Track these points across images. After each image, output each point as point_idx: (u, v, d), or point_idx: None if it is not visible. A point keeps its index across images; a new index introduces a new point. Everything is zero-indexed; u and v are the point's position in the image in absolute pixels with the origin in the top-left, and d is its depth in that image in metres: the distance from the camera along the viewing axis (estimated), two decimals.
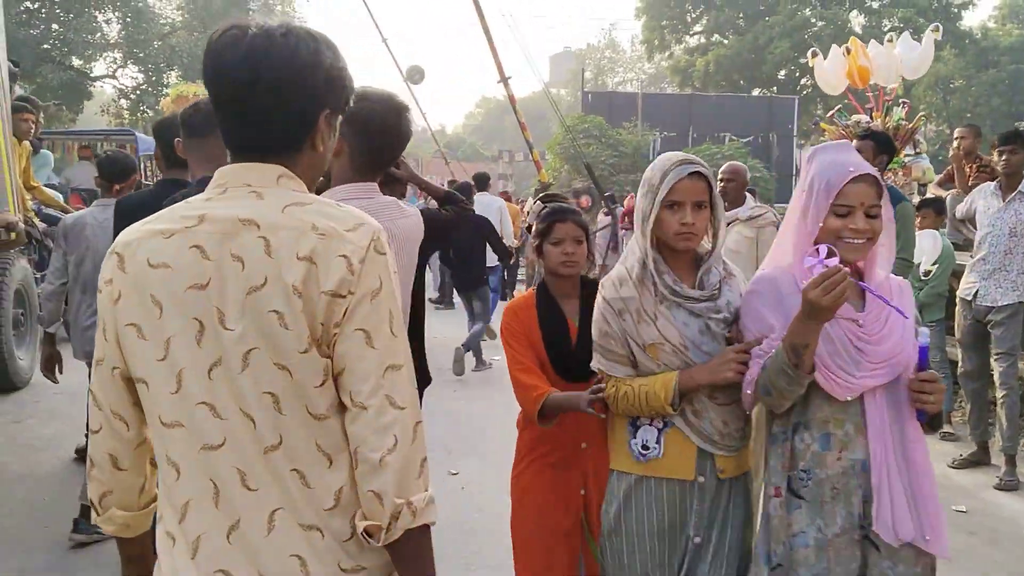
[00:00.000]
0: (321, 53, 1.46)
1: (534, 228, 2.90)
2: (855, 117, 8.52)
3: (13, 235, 6.14)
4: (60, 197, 8.60)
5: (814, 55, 9.88)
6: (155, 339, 1.43)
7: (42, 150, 8.97)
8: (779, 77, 36.99)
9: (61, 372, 4.68)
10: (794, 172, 31.01)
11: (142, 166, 12.71)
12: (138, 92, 30.65)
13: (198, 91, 24.10)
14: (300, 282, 1.38)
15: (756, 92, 37.35)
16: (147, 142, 14.60)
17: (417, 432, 1.45)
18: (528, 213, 2.73)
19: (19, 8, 26.65)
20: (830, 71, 9.53)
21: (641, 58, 61.08)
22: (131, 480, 1.59)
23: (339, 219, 1.43)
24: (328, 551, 1.44)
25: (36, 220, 7.25)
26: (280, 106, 1.44)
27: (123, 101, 31.18)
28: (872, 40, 9.56)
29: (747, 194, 5.82)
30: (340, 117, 1.56)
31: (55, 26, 27.81)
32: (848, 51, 9.17)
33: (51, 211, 7.93)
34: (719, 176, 5.70)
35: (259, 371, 1.40)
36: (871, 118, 8.35)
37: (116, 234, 4.02)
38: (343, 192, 2.33)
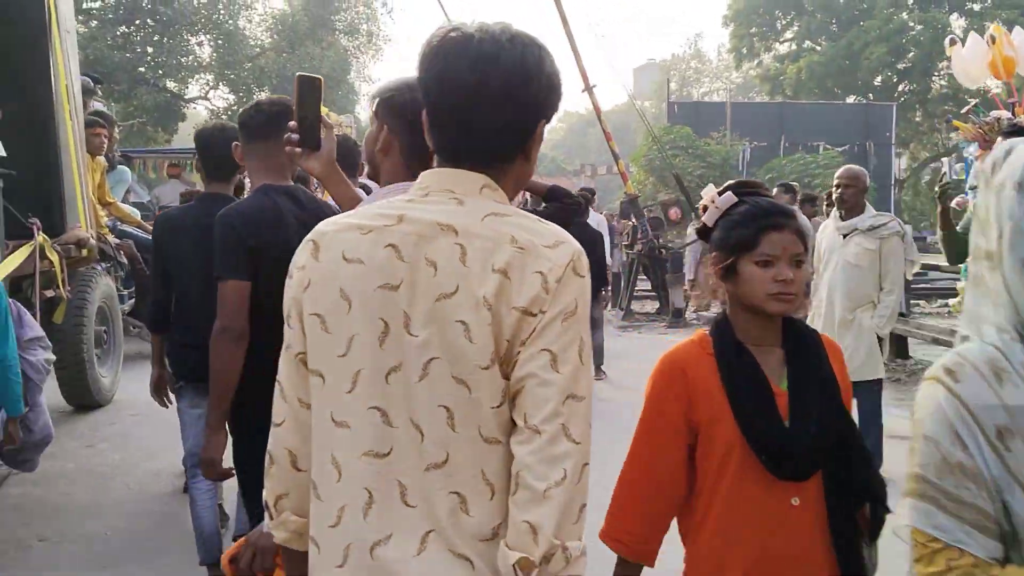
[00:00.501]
0: (544, 60, 1.41)
1: (717, 235, 1.94)
2: (995, 113, 7.74)
3: (85, 251, 5.99)
4: (137, 213, 8.38)
5: (952, 43, 9.03)
6: (338, 334, 1.40)
7: (119, 166, 8.71)
8: (875, 83, 35.63)
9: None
10: (893, 182, 29.83)
11: None
12: (229, 112, 31.29)
13: None
14: (492, 295, 1.32)
15: (851, 99, 36.06)
16: None
17: (584, 473, 1.34)
18: (703, 208, 1.95)
19: (115, 32, 27.50)
20: (969, 61, 8.68)
21: (728, 67, 59.97)
22: (307, 483, 1.47)
23: (539, 234, 1.37)
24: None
25: (110, 236, 7.12)
26: (503, 115, 1.39)
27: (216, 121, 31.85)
28: (1016, 27, 8.66)
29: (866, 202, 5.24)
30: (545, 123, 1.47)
31: (150, 49, 28.59)
32: (992, 39, 8.32)
33: (127, 227, 7.83)
34: (836, 182, 5.14)
35: (437, 382, 1.34)
36: (1013, 114, 7.55)
37: (158, 246, 3.70)
38: (397, 191, 1.96)
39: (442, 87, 1.39)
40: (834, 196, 5.16)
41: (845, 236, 5.07)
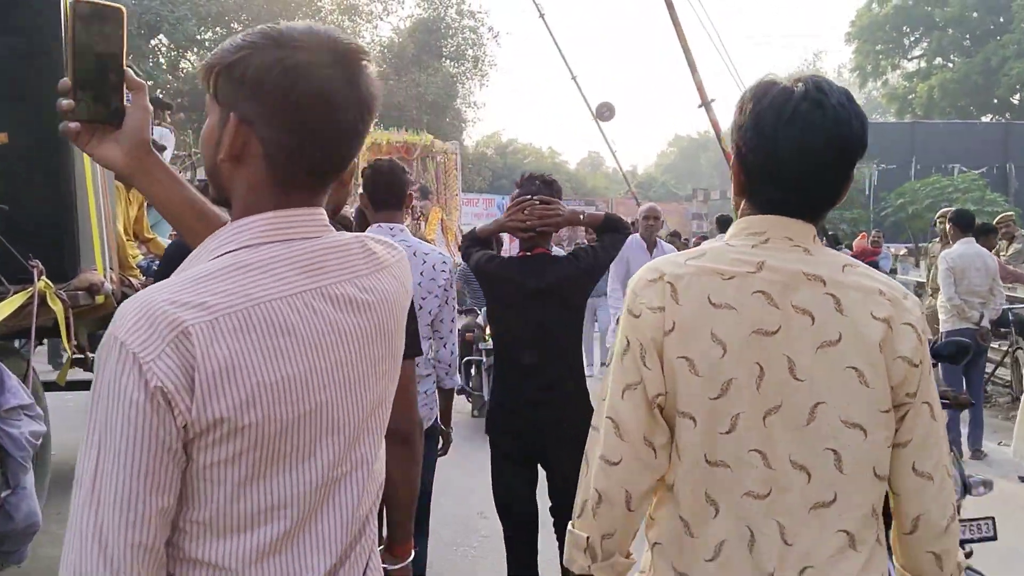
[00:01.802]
0: (863, 114, 1.46)
1: None
2: None
3: (100, 298, 4.92)
4: None
5: None
6: (711, 377, 1.42)
7: None
8: (1014, 101, 33.05)
9: None
10: None
11: None
12: None
13: (389, 138, 24.38)
14: (882, 342, 1.40)
15: (987, 118, 33.56)
16: None
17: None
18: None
19: (198, 36, 27.71)
20: None
21: (851, 86, 57.49)
22: (635, 522, 1.53)
23: (894, 287, 1.46)
24: None
25: (139, 278, 6.04)
26: (845, 174, 1.45)
27: None
28: None
29: None
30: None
31: None
32: None
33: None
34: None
35: (825, 425, 1.40)
36: None
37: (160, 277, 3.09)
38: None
39: (802, 154, 1.40)
40: None
41: None
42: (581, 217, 3.28)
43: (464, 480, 5.40)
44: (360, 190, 3.35)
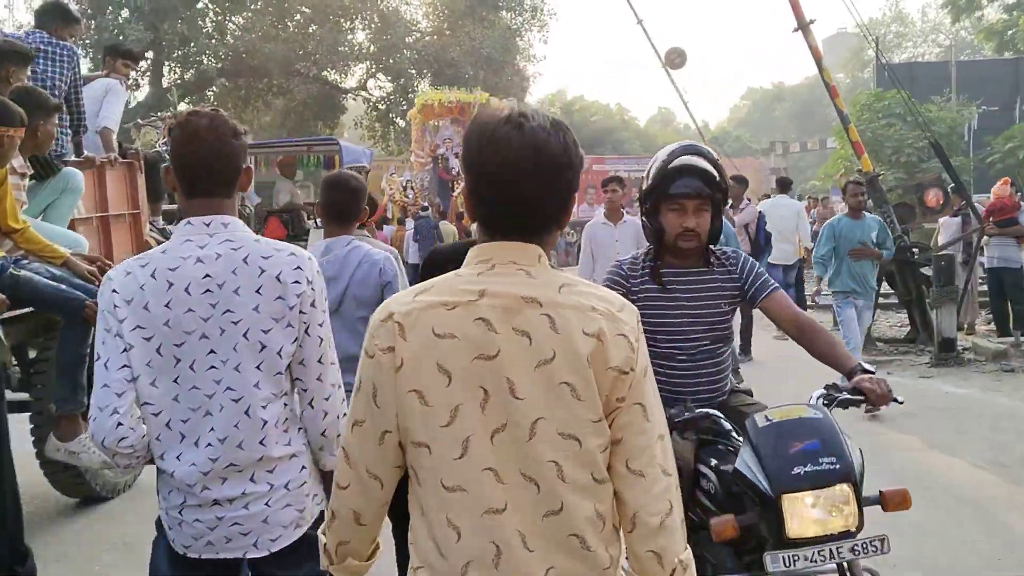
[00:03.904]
0: (576, 143, 1.62)
1: None
2: None
3: None
4: (82, 243, 4.98)
5: None
6: (440, 406, 1.53)
7: (64, 170, 5.01)
8: None
9: None
10: None
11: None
12: (387, 103, 29.90)
13: (442, 98, 22.83)
14: (591, 357, 1.52)
15: None
16: (353, 152, 12.71)
17: (679, 494, 1.62)
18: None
19: (266, 22, 26.52)
20: None
21: (935, 28, 53.70)
22: (369, 533, 1.73)
23: (609, 301, 1.60)
24: None
25: None
26: (552, 191, 1.59)
27: (373, 112, 30.58)
28: None
29: None
30: None
31: (300, 40, 27.39)
32: None
33: (36, 267, 4.26)
34: None
35: (545, 439, 1.52)
36: None
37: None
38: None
39: (502, 169, 1.56)
40: None
41: None
42: None
43: None
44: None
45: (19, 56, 4.63)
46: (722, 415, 2.79)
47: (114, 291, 2.11)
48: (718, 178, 2.93)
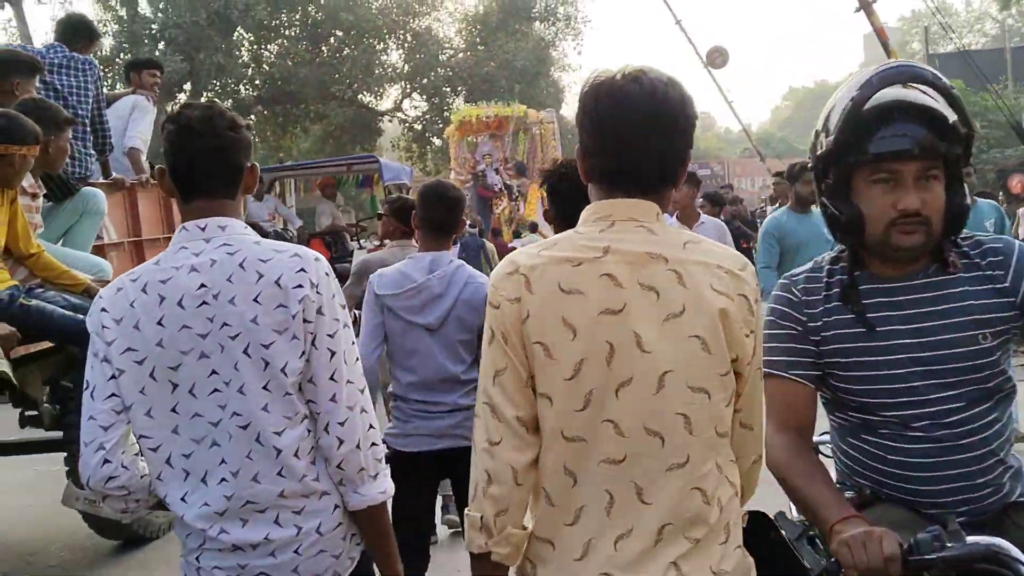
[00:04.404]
0: (690, 98, 1.61)
1: None
2: None
3: None
4: (106, 268, 4.59)
5: None
6: (564, 360, 1.54)
7: (83, 190, 4.66)
8: None
9: None
10: None
11: (385, 195, 10.47)
12: (423, 122, 29.71)
13: (480, 113, 22.49)
14: (721, 311, 1.53)
15: None
16: (393, 169, 12.44)
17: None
18: None
19: (300, 47, 26.46)
20: None
21: (981, 17, 52.39)
22: (525, 496, 1.64)
23: (731, 259, 1.60)
24: (707, 555, 1.57)
25: None
26: (670, 144, 1.59)
27: (409, 133, 30.44)
28: None
29: None
30: None
31: (337, 64, 27.32)
32: None
33: (50, 296, 3.87)
34: None
35: (674, 392, 1.53)
36: None
37: None
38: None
39: (622, 121, 1.56)
40: None
41: None
42: None
43: None
44: None
45: (26, 66, 4.29)
46: (1013, 545, 1.65)
47: (103, 310, 1.82)
48: (954, 120, 1.78)
